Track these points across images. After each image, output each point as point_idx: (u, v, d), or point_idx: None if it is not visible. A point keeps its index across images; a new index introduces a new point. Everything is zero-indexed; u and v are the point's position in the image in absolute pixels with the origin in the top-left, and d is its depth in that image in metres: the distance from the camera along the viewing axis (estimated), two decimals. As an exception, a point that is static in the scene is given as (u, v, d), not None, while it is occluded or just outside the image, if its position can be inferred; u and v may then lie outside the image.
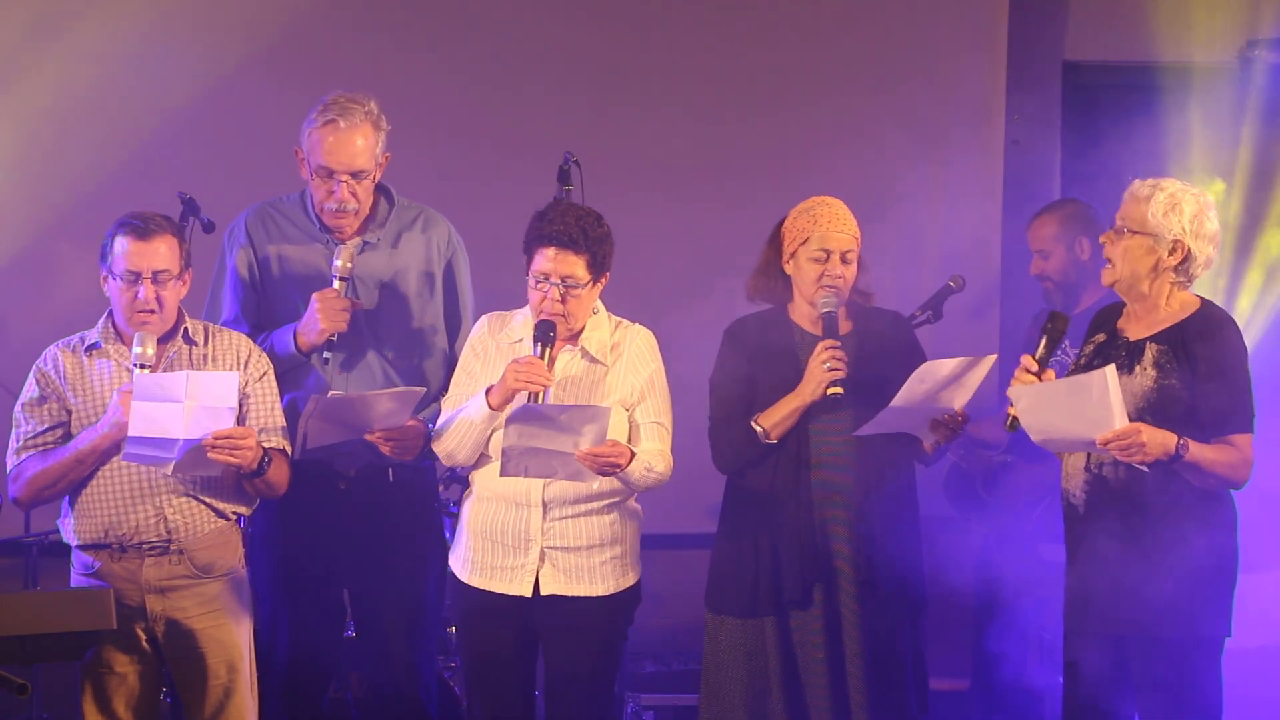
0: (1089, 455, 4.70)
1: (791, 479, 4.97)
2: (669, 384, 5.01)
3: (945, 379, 4.77)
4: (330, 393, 5.08)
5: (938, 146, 6.98)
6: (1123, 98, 7.05)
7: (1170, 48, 7.00)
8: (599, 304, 5.02)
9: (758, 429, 4.93)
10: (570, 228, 4.85)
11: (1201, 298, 4.78)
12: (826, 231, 4.96)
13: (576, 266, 4.83)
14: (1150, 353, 4.70)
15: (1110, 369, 4.50)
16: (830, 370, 4.83)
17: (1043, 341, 4.71)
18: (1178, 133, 6.74)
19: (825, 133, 6.97)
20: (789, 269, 5.00)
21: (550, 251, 4.83)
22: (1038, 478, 5.88)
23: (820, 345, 4.86)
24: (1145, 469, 4.58)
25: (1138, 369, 4.71)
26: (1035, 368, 4.67)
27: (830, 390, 4.84)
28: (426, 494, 5.46)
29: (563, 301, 4.84)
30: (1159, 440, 4.52)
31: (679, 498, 5.43)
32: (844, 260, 4.95)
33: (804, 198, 5.11)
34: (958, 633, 6.18)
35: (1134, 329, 4.76)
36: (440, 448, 5.04)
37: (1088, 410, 4.50)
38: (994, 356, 4.85)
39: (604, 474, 4.77)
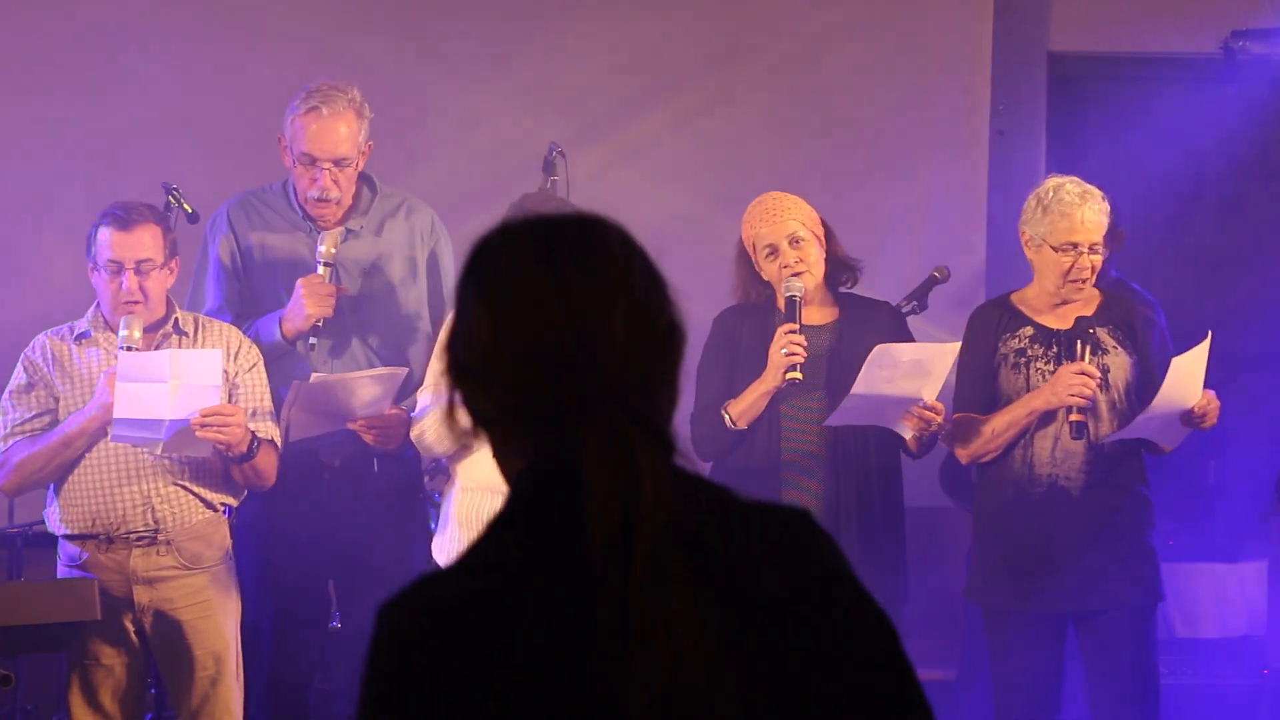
0: (1086, 434, 4.78)
1: (763, 466, 4.93)
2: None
3: (906, 365, 4.73)
4: (312, 376, 5.07)
5: (923, 137, 6.92)
6: (1108, 89, 7.02)
7: (1155, 39, 7.00)
8: None
9: (725, 416, 4.90)
10: None
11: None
12: (765, 230, 4.94)
13: None
14: (1103, 336, 4.85)
15: (1209, 336, 4.66)
16: (788, 355, 4.78)
17: (1086, 349, 4.80)
18: (1162, 124, 6.75)
19: (808, 124, 6.87)
20: (766, 277, 5.00)
21: None
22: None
23: (779, 330, 4.83)
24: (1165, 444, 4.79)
25: (1101, 352, 4.85)
26: (1097, 373, 4.78)
27: (789, 375, 4.80)
28: (411, 484, 5.46)
29: None
30: None
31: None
32: (793, 244, 4.90)
33: (786, 188, 5.12)
34: (947, 624, 6.14)
35: (1060, 318, 4.87)
36: (421, 439, 5.03)
37: (1193, 378, 4.65)
38: (958, 344, 4.86)
39: None
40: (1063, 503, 4.84)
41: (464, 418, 1.99)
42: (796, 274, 4.88)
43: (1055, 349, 4.86)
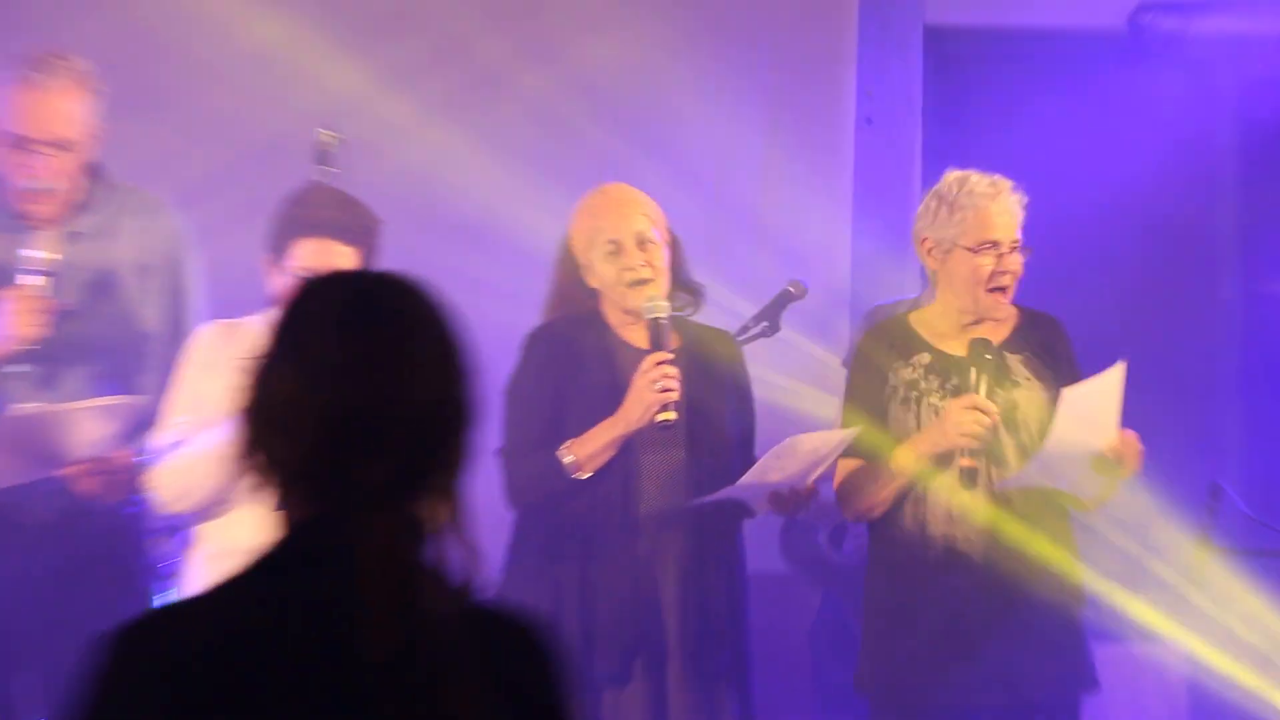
0: (991, 489, 4.61)
1: (618, 523, 4.61)
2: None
3: (803, 455, 4.55)
4: (15, 406, 4.66)
5: (776, 127, 6.55)
6: (995, 69, 6.71)
7: (1050, 11, 6.67)
8: None
9: (567, 460, 4.53)
10: (338, 215, 4.58)
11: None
12: (608, 224, 4.67)
13: (348, 261, 4.52)
14: (1015, 364, 4.70)
15: (1122, 364, 4.50)
16: (662, 391, 4.49)
17: (983, 380, 4.60)
18: (1060, 111, 6.43)
19: (643, 110, 6.49)
20: (595, 283, 4.70)
21: (314, 244, 4.52)
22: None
23: (648, 360, 4.51)
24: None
25: (1010, 383, 4.69)
26: (994, 408, 4.58)
27: (660, 417, 4.49)
28: (131, 548, 4.93)
29: None
30: None
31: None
32: (640, 245, 4.63)
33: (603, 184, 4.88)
34: (783, 703, 5.88)
35: (966, 342, 4.71)
36: (167, 487, 4.57)
37: (1098, 415, 4.51)
38: (857, 430, 4.65)
39: None
40: (964, 569, 4.59)
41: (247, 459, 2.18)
42: (641, 281, 4.61)
43: (954, 380, 4.65)
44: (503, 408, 4.64)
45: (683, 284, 4.79)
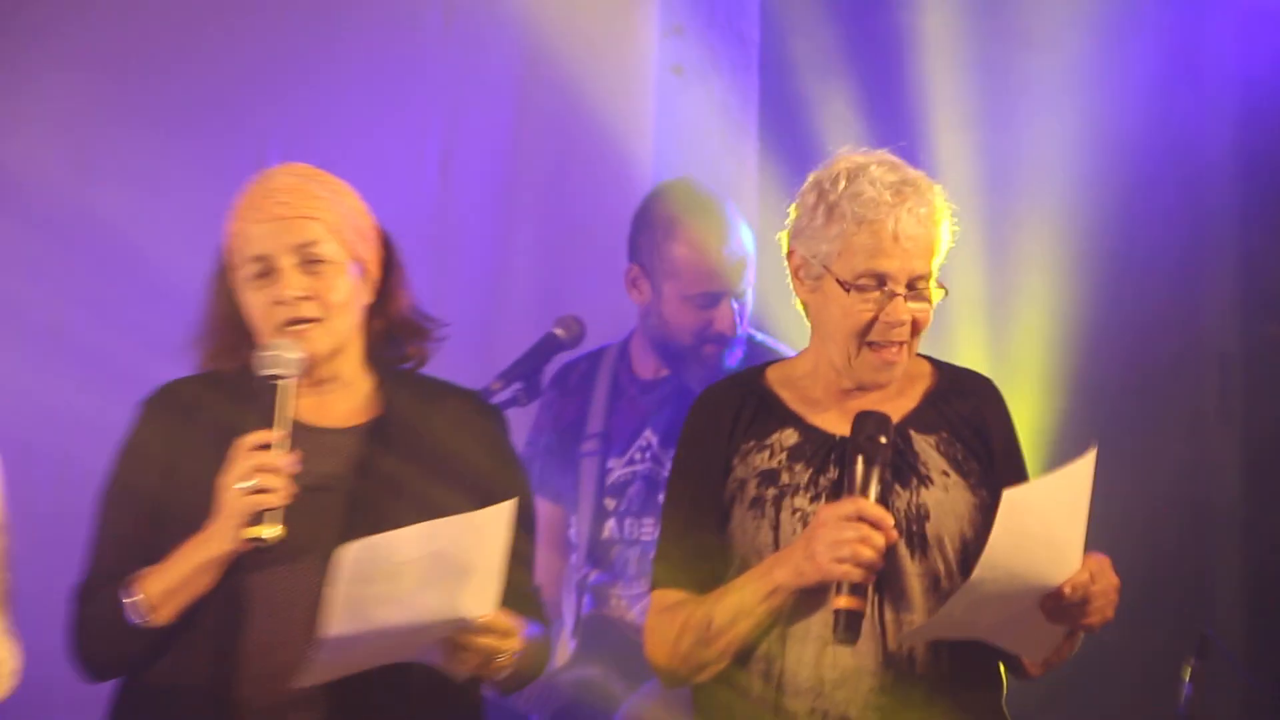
0: (883, 645, 3.96)
1: (203, 712, 3.79)
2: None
3: (415, 570, 3.73)
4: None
5: (534, 76, 5.80)
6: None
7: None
8: None
9: (130, 599, 3.83)
10: None
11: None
12: (258, 230, 3.91)
13: None
14: (926, 449, 4.04)
15: (1093, 453, 3.88)
16: (253, 494, 3.75)
17: (875, 474, 3.93)
18: (983, 55, 5.52)
19: (330, 49, 5.60)
20: (253, 320, 4.07)
21: None
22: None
23: (238, 446, 3.80)
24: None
25: (917, 480, 4.01)
26: (891, 519, 3.88)
27: (250, 533, 3.73)
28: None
29: None
30: None
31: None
32: (306, 266, 3.92)
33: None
34: None
35: (850, 414, 4.01)
36: None
37: (1056, 531, 3.89)
38: (509, 505, 3.88)
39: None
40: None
41: None
42: (300, 321, 3.86)
43: (831, 473, 4.02)
44: (93, 518, 3.79)
45: (404, 319, 3.98)
